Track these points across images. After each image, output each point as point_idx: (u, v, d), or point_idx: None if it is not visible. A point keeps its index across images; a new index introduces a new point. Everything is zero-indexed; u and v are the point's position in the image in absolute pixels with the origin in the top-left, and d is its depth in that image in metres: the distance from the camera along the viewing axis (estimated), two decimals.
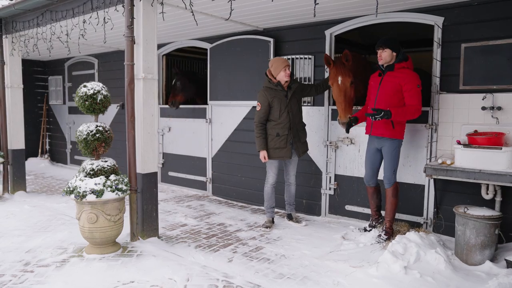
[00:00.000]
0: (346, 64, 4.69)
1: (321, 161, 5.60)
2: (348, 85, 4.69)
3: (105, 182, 3.95)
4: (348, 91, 4.71)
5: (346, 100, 4.69)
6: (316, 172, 5.66)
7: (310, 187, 5.75)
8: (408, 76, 4.27)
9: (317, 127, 5.60)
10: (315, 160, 5.66)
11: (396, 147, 4.41)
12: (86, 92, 4.00)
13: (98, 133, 3.99)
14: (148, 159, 4.47)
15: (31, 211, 5.76)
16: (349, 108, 4.72)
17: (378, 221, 4.80)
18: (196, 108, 7.05)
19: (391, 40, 4.36)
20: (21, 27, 6.11)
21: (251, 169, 6.31)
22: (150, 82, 4.45)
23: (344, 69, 4.69)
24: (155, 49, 4.47)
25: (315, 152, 5.64)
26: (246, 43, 6.14)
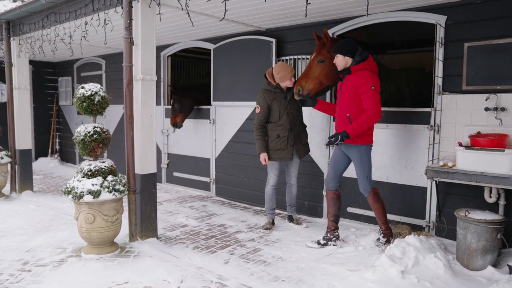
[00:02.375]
0: (326, 43, 4.57)
1: (323, 162, 5.54)
2: (315, 62, 4.59)
3: (102, 183, 3.97)
4: (314, 68, 4.57)
5: (307, 74, 4.57)
6: (318, 173, 5.61)
7: (311, 188, 5.69)
8: (363, 79, 4.13)
9: (319, 128, 5.55)
10: (316, 161, 5.61)
11: (363, 153, 4.29)
12: (84, 93, 4.03)
13: (96, 134, 4.01)
14: (147, 160, 4.48)
15: (35, 210, 5.83)
16: (306, 82, 4.55)
17: (334, 233, 4.49)
18: (200, 109, 7.05)
19: (341, 45, 4.31)
20: (28, 29, 6.20)
21: (253, 170, 6.29)
22: (149, 83, 4.46)
23: (320, 46, 4.59)
24: (153, 50, 4.48)
25: (317, 153, 5.59)
26: (249, 43, 6.12)
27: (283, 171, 5.35)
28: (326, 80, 4.69)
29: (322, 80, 4.65)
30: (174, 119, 6.92)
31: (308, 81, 4.60)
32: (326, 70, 4.63)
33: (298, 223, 5.28)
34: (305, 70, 4.70)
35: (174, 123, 6.95)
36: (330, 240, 4.47)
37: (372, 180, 4.39)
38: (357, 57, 4.24)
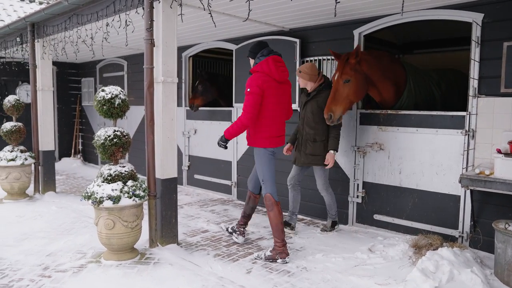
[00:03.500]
0: (350, 62, 4.48)
1: (348, 167, 5.34)
2: (341, 82, 4.48)
3: (122, 188, 3.88)
4: (341, 89, 4.48)
5: (335, 97, 4.48)
6: (343, 178, 5.40)
7: (337, 194, 5.48)
8: (248, 80, 4.10)
9: (345, 132, 5.34)
10: (342, 166, 5.41)
11: (260, 156, 4.22)
12: (104, 96, 3.95)
13: (116, 138, 3.92)
14: (168, 164, 4.38)
15: (57, 212, 5.83)
16: (335, 106, 4.46)
17: (239, 228, 4.69)
18: (221, 110, 6.94)
19: (250, 49, 4.31)
20: (51, 31, 6.20)
21: (276, 174, 6.10)
22: (170, 85, 4.35)
23: (342, 65, 4.50)
24: (175, 52, 4.37)
25: (342, 158, 5.38)
26: (272, 44, 5.91)
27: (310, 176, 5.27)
28: (355, 98, 4.65)
29: (352, 99, 4.61)
30: (193, 101, 6.97)
31: (338, 105, 4.51)
32: (354, 89, 4.55)
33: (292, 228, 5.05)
34: (331, 93, 4.57)
35: (191, 104, 7.00)
36: (234, 231, 4.71)
37: (272, 186, 4.24)
38: (256, 59, 4.22)
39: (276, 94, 4.11)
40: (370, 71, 4.66)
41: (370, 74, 4.67)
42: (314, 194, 5.64)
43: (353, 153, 5.27)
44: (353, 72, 4.49)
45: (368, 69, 4.63)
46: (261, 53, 4.20)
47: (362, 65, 4.59)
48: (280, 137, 4.28)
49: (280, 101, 4.20)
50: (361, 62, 4.58)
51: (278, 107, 4.17)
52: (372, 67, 4.67)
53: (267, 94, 4.05)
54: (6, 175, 6.41)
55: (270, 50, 4.22)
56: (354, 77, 4.50)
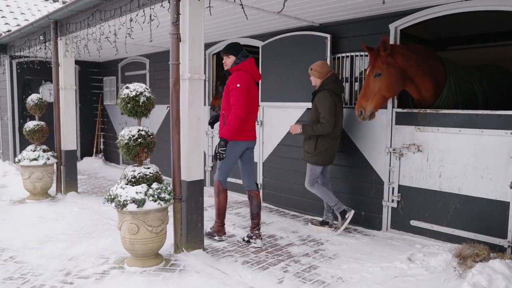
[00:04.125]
0: (381, 54, 4.32)
1: (382, 169, 5.03)
2: (371, 77, 4.38)
3: (147, 191, 3.68)
4: (372, 84, 4.38)
5: (366, 92, 4.40)
6: (377, 181, 5.09)
7: (369, 198, 5.19)
8: (233, 77, 4.34)
9: (379, 132, 5.03)
10: (375, 168, 5.10)
11: (234, 148, 4.48)
12: (128, 94, 3.75)
13: (140, 138, 3.72)
14: (194, 165, 4.16)
15: (79, 213, 5.69)
16: (366, 101, 4.38)
17: (254, 230, 4.60)
18: None
19: (232, 46, 4.50)
20: (74, 28, 6.08)
21: (304, 175, 5.85)
22: (197, 82, 4.13)
23: (373, 58, 4.39)
24: (202, 47, 4.15)
25: (375, 159, 5.08)
26: (301, 40, 5.69)
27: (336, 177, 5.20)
28: (388, 93, 4.44)
29: (384, 94, 4.42)
30: (214, 101, 6.80)
31: (369, 100, 4.37)
32: (386, 83, 4.36)
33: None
34: (362, 88, 4.45)
35: (213, 106, 6.87)
36: (250, 238, 4.59)
37: (224, 176, 4.64)
38: (237, 59, 4.45)
39: (254, 92, 4.50)
40: (406, 64, 4.40)
41: (406, 68, 4.42)
42: (343, 198, 5.35)
43: (387, 155, 4.96)
44: (384, 66, 4.31)
45: (403, 63, 4.38)
46: (241, 54, 4.50)
47: (396, 58, 4.36)
48: (252, 131, 4.61)
49: (255, 98, 4.54)
50: (395, 55, 4.35)
51: (254, 104, 4.51)
52: (408, 60, 4.41)
53: (249, 92, 4.40)
54: (28, 175, 6.32)
55: (246, 53, 4.55)
56: (386, 70, 4.31)
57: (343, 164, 5.41)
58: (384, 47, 4.29)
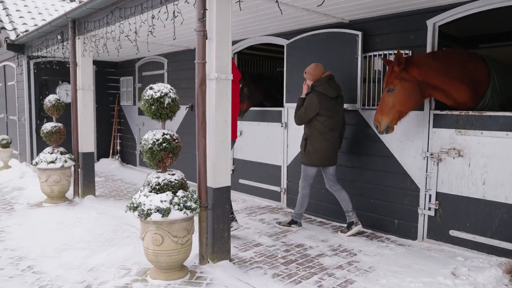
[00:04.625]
0: (395, 70, 4.22)
1: (418, 175, 4.71)
2: (385, 92, 4.32)
3: (172, 199, 3.43)
4: (386, 98, 4.30)
5: (381, 107, 4.35)
6: (412, 188, 4.78)
7: (403, 205, 4.87)
8: None
9: (414, 135, 4.72)
10: (410, 173, 4.78)
11: None
12: (153, 95, 3.50)
13: (165, 142, 3.47)
14: (220, 171, 3.90)
15: (98, 219, 5.48)
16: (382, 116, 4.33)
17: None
18: (270, 110, 6.43)
19: None
20: (92, 27, 5.88)
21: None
22: (224, 82, 3.88)
23: (388, 73, 4.31)
24: (229, 45, 3.89)
25: (411, 164, 4.76)
26: (330, 37, 5.40)
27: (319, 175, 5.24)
28: (404, 108, 4.30)
29: (399, 109, 4.30)
30: (241, 106, 6.35)
31: (384, 115, 4.33)
32: (399, 98, 4.25)
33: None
34: (379, 103, 4.41)
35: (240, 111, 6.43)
36: None
37: None
38: None
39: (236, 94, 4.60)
40: (427, 76, 4.19)
41: (428, 79, 4.21)
42: (374, 204, 5.05)
43: (424, 160, 4.64)
44: (397, 81, 4.22)
45: (422, 75, 4.20)
46: None
47: (412, 71, 4.19)
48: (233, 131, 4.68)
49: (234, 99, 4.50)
50: (410, 69, 4.19)
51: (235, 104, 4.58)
52: (431, 71, 4.19)
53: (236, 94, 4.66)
54: (46, 178, 6.14)
55: None
56: (398, 85, 4.22)
57: (374, 168, 5.10)
58: (398, 62, 4.17)
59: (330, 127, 4.79)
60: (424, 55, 4.38)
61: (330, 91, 4.76)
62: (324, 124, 4.76)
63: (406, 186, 4.83)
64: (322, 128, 4.77)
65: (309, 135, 4.87)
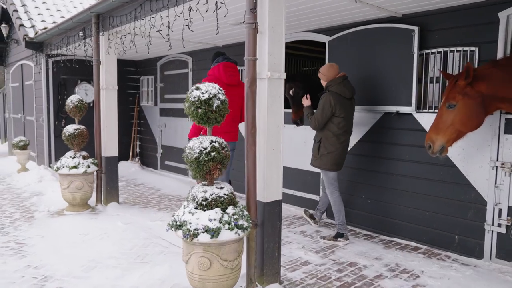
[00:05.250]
0: (459, 84, 3.65)
1: (485, 187, 4.19)
2: (444, 107, 3.77)
3: (222, 217, 2.97)
4: (445, 115, 3.75)
5: (437, 125, 3.80)
6: (477, 201, 4.26)
7: (466, 219, 4.35)
8: None
9: (480, 142, 4.20)
10: (475, 184, 4.26)
11: None
12: (200, 96, 3.04)
13: (214, 151, 3.01)
14: (272, 183, 3.44)
15: (124, 230, 5.04)
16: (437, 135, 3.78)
17: None
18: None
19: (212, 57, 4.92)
20: (118, 22, 5.45)
21: (379, 190, 5.06)
22: (277, 82, 3.41)
23: (450, 86, 3.76)
24: (282, 39, 3.42)
25: (476, 175, 4.24)
26: (380, 33, 4.89)
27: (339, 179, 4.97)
28: (465, 128, 3.74)
29: (459, 129, 3.74)
30: (298, 114, 5.81)
31: (440, 134, 3.77)
32: (460, 117, 3.68)
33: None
34: (435, 119, 3.82)
35: (296, 120, 5.88)
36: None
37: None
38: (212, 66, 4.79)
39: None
40: (495, 88, 3.63)
41: (497, 92, 3.64)
42: (430, 218, 4.54)
43: (493, 170, 4.12)
44: (460, 96, 3.65)
45: (491, 88, 3.63)
46: (217, 60, 4.77)
47: (479, 86, 3.63)
48: (227, 132, 4.64)
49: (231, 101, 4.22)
50: (477, 83, 3.62)
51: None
52: (498, 82, 3.62)
53: None
54: (67, 184, 5.73)
55: (225, 58, 4.76)
56: (462, 102, 3.65)
57: (430, 178, 4.59)
58: (466, 75, 3.59)
59: (344, 129, 4.63)
60: (486, 66, 3.79)
61: (345, 91, 4.60)
62: (339, 126, 4.59)
63: (470, 199, 4.32)
64: (337, 130, 4.60)
65: (324, 137, 4.68)
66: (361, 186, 5.28)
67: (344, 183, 5.47)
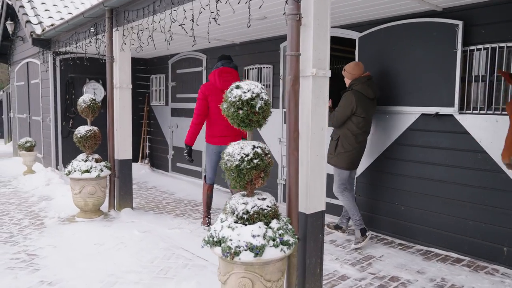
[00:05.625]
0: None
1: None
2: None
3: (266, 233, 2.62)
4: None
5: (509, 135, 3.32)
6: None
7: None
8: None
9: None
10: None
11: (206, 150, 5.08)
12: (241, 96, 2.68)
13: (257, 158, 2.66)
14: (315, 193, 3.09)
15: (142, 239, 4.70)
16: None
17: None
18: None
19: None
20: (134, 16, 5.11)
21: (414, 196, 4.72)
22: (321, 81, 3.06)
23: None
24: (327, 33, 3.07)
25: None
26: (418, 29, 4.55)
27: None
28: None
29: None
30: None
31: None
32: None
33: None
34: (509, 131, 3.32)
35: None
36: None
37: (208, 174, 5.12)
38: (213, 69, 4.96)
39: (218, 100, 4.44)
40: None
41: None
42: (474, 227, 4.19)
43: None
44: None
45: None
46: (216, 65, 4.95)
47: None
48: (222, 137, 4.87)
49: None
50: None
51: (218, 111, 4.51)
52: None
53: (210, 100, 4.85)
54: (79, 189, 5.39)
55: (224, 63, 4.90)
56: None
57: (475, 184, 4.24)
58: None
59: (363, 129, 4.53)
60: None
61: (368, 91, 4.48)
62: (359, 126, 4.48)
63: None
64: (356, 130, 4.48)
65: (342, 135, 4.54)
66: (393, 191, 4.93)
67: (373, 188, 5.13)
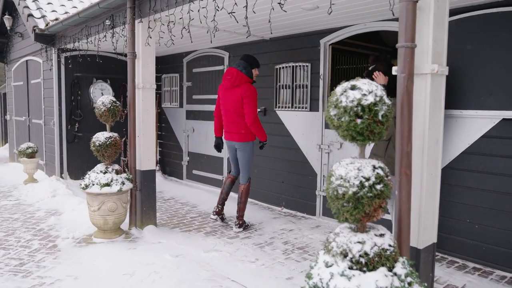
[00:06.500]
0: None
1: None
2: None
3: (392, 283, 1.95)
4: None
5: None
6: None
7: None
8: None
9: None
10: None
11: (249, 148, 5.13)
12: (360, 100, 1.99)
13: (380, 183, 1.99)
14: (429, 222, 2.45)
15: (178, 267, 3.99)
16: None
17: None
18: None
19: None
20: (164, 5, 4.40)
21: (492, 213, 4.10)
22: (439, 80, 2.42)
23: None
24: (446, 20, 2.42)
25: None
26: (503, 19, 3.92)
27: None
28: None
29: None
30: None
31: None
32: None
33: None
34: None
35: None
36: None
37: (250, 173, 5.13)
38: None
39: (222, 97, 5.09)
40: None
41: None
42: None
43: None
44: None
45: None
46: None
47: None
48: (227, 133, 5.12)
49: (226, 103, 5.03)
50: None
51: (224, 108, 5.10)
52: None
53: (219, 96, 5.20)
54: (98, 206, 4.67)
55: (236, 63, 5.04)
56: None
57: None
58: None
59: None
60: None
61: None
62: None
63: None
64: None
65: (393, 135, 3.78)
66: (466, 207, 4.30)
67: (441, 204, 4.49)
